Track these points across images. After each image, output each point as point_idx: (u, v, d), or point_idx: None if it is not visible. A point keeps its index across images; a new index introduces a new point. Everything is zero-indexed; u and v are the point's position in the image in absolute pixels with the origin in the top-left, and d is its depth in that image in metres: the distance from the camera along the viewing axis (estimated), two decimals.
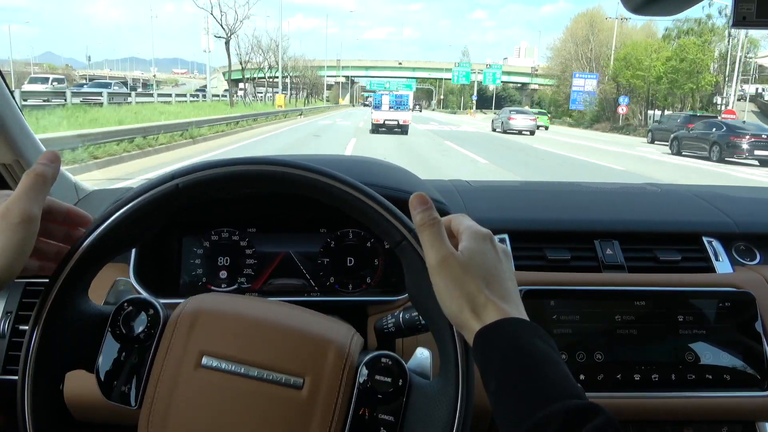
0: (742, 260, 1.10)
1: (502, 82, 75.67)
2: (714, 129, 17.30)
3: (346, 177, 0.62)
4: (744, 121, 19.40)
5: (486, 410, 0.89)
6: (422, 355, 0.68)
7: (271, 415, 0.60)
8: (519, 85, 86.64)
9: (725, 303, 0.98)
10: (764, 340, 0.97)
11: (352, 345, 0.65)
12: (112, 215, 0.60)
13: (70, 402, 0.67)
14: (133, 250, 0.99)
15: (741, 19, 0.66)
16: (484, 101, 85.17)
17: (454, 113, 77.73)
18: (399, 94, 23.57)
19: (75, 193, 1.22)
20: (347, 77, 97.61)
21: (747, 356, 0.97)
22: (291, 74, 53.30)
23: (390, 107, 22.62)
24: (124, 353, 0.62)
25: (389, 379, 0.62)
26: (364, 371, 0.63)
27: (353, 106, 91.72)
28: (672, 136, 19.71)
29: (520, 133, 26.95)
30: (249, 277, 1.07)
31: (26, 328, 0.58)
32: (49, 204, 0.61)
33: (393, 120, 22.28)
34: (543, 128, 33.20)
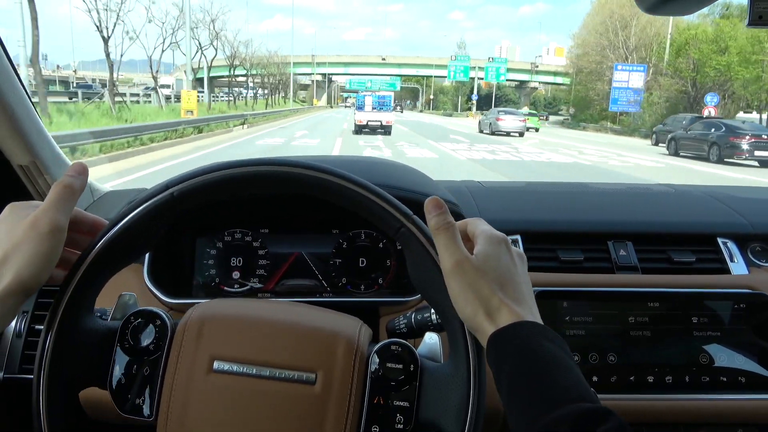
0: (757, 261, 1.09)
1: (507, 79, 66.82)
2: (713, 129, 16.95)
3: (340, 170, 0.63)
4: (743, 121, 18.91)
5: (498, 411, 0.90)
6: (431, 340, 0.69)
7: (287, 413, 0.61)
8: (517, 83, 77.08)
9: (740, 304, 0.98)
10: None
11: (361, 336, 0.66)
12: (109, 231, 0.60)
13: (84, 402, 0.67)
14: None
15: (757, 18, 0.66)
16: (478, 101, 73.70)
17: (450, 116, 64.85)
18: (382, 95, 23.66)
19: (90, 194, 1.23)
20: (324, 75, 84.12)
21: (762, 358, 0.96)
22: (249, 72, 41.75)
23: (373, 108, 22.70)
24: (135, 366, 0.63)
25: (400, 366, 0.63)
26: (376, 359, 0.64)
27: (331, 107, 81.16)
28: (669, 136, 19.14)
29: (508, 134, 25.48)
30: (261, 278, 1.07)
31: (41, 327, 0.59)
32: (76, 214, 0.62)
33: (376, 121, 22.29)
34: (533, 130, 31.42)
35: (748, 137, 15.68)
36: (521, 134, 25.89)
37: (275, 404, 0.61)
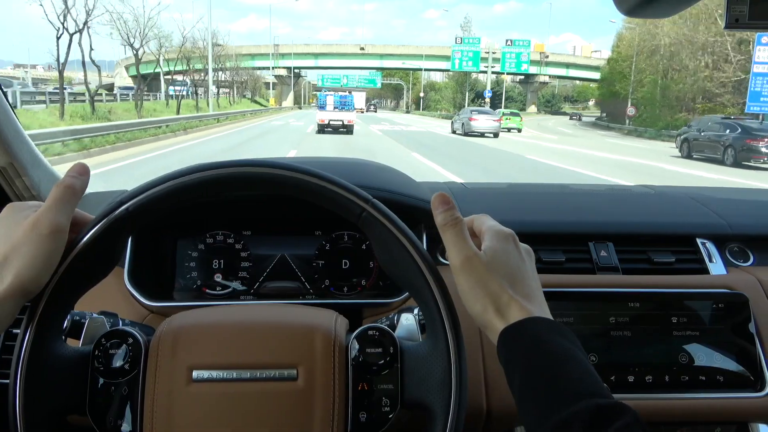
0: (735, 262, 1.11)
1: (523, 73, 52.22)
2: (728, 131, 16.11)
3: (295, 164, 0.63)
4: (762, 121, 17.69)
5: (480, 410, 0.91)
6: (407, 321, 0.71)
7: (274, 411, 0.61)
8: (521, 77, 65.31)
9: (719, 304, 0.99)
10: (757, 341, 0.98)
11: (337, 326, 0.67)
12: (69, 253, 0.59)
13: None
14: (128, 254, 0.99)
15: (734, 21, 0.67)
16: (478, 101, 58.61)
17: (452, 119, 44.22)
18: (344, 95, 23.95)
19: None
20: (289, 69, 67.57)
21: (740, 357, 0.97)
22: (159, 59, 28.25)
23: (335, 107, 23.07)
24: (112, 388, 0.62)
25: (380, 350, 0.64)
26: (355, 346, 0.64)
27: (300, 108, 66.60)
28: (682, 137, 18.25)
29: (482, 135, 24.53)
30: (244, 280, 1.06)
31: (18, 331, 0.59)
32: (76, 215, 0.62)
33: (338, 120, 22.73)
34: (515, 131, 30.50)
35: (767, 139, 14.96)
36: (496, 135, 25.21)
37: (260, 404, 0.61)
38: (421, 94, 71.55)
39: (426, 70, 67.40)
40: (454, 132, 27.20)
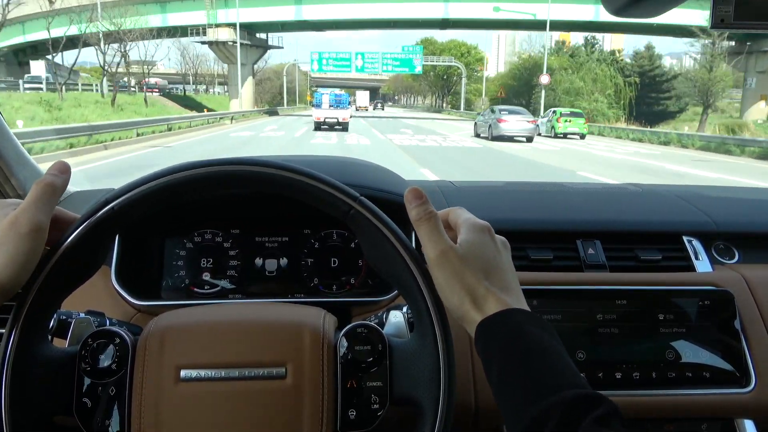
0: (721, 259, 1.12)
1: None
2: None
3: (283, 162, 0.63)
4: None
5: (469, 407, 0.91)
6: (396, 318, 0.71)
7: (263, 410, 0.61)
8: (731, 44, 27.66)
9: (705, 301, 1.00)
10: (742, 338, 0.99)
11: (326, 323, 0.66)
12: (54, 253, 0.59)
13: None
14: (115, 253, 0.98)
15: (719, 21, 0.68)
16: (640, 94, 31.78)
17: None
18: (339, 94, 24.38)
19: None
20: (236, 27, 34.60)
21: (726, 354, 0.98)
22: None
23: (330, 105, 23.51)
24: (99, 388, 0.62)
25: (369, 347, 0.64)
26: (344, 343, 0.64)
27: (271, 114, 39.34)
28: None
29: (512, 139, 20.41)
30: (232, 279, 1.06)
31: (2, 331, 0.58)
32: (57, 214, 0.61)
33: (333, 118, 23.22)
34: (578, 137, 23.52)
35: None
36: (529, 139, 20.89)
37: (249, 403, 0.61)
38: (544, 79, 33.06)
39: (565, 28, 32.73)
40: (477, 136, 22.83)
